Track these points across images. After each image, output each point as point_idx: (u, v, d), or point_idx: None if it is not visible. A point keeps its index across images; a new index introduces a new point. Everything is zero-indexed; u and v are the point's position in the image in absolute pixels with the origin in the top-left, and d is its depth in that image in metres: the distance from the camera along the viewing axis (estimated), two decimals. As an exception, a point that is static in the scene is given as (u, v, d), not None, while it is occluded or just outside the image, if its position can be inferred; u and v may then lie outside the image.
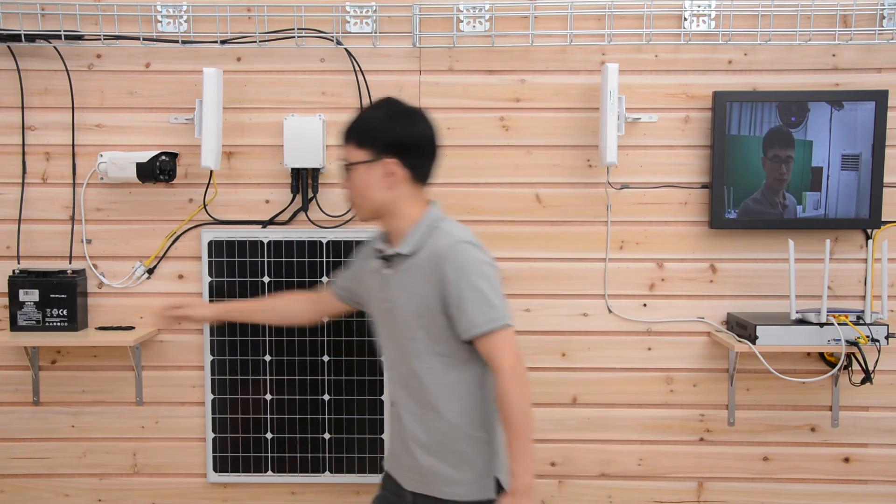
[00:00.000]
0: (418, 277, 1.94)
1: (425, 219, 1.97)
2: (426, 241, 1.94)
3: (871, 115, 2.56)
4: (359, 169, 1.95)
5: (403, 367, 2.00)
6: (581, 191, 2.66)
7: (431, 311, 1.93)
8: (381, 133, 1.94)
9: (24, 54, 2.64)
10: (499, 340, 1.89)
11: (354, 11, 2.61)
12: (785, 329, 2.48)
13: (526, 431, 1.89)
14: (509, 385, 1.88)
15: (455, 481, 1.96)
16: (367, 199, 1.96)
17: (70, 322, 2.60)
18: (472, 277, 1.89)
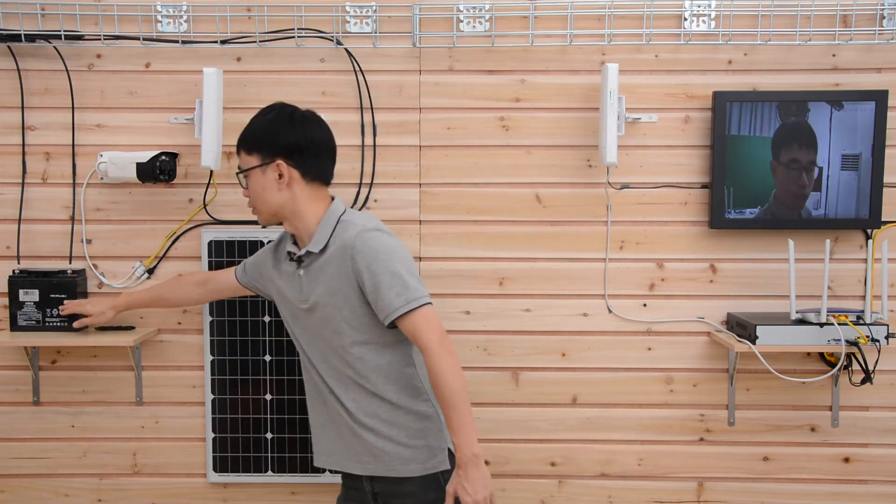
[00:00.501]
0: (332, 272, 1.99)
1: (329, 214, 2.03)
2: (333, 235, 2.01)
3: (871, 115, 2.56)
4: (252, 174, 2.04)
5: (335, 359, 2.04)
6: (581, 191, 2.66)
7: (350, 302, 1.99)
8: (266, 137, 2.03)
9: (24, 54, 2.64)
10: (420, 319, 1.93)
11: (354, 11, 2.61)
12: (785, 329, 2.48)
13: (461, 404, 1.90)
14: (438, 360, 1.91)
15: (408, 458, 2.02)
16: (264, 203, 2.04)
17: (70, 322, 2.60)
18: (384, 263, 1.94)
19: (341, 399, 2.06)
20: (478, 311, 2.67)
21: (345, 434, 2.08)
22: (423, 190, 2.67)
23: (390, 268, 1.94)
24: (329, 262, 2.01)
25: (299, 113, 2.07)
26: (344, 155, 2.65)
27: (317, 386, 2.12)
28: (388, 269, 1.94)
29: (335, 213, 2.05)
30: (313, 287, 2.04)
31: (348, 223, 2.02)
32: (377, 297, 1.95)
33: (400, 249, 1.99)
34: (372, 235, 1.97)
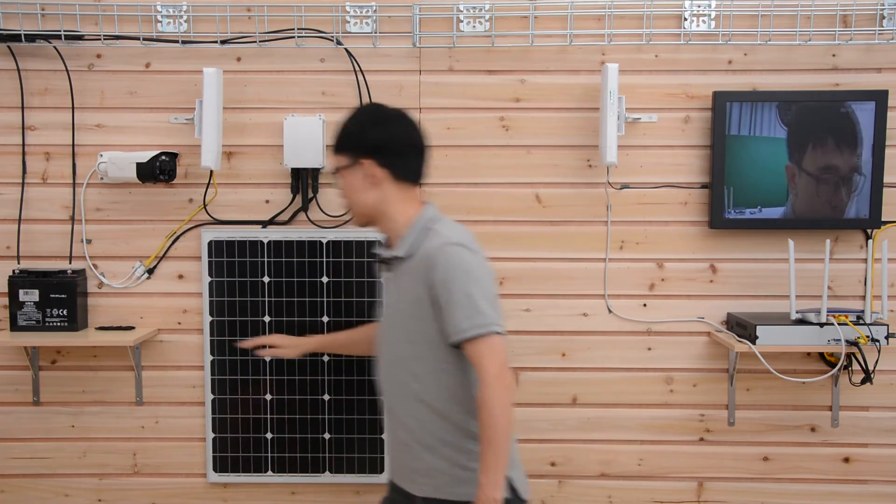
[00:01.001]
0: (413, 280, 1.92)
1: (419, 220, 1.96)
2: (421, 242, 1.93)
3: (871, 115, 2.56)
4: (343, 174, 1.99)
5: (401, 371, 1.98)
6: (581, 191, 2.66)
7: (427, 314, 1.90)
8: (353, 137, 1.98)
9: (24, 54, 2.64)
10: (483, 347, 1.84)
11: (354, 11, 2.61)
12: (785, 329, 2.48)
13: (501, 444, 1.83)
14: (490, 393, 1.82)
15: (466, 480, 1.93)
16: (356, 203, 2.00)
17: (70, 322, 2.60)
18: (459, 282, 1.85)
19: (401, 415, 1.99)
20: (478, 311, 2.67)
21: (401, 451, 2.02)
22: (423, 190, 2.67)
23: (465, 288, 1.85)
24: (411, 269, 1.93)
25: (385, 111, 2.02)
26: (344, 155, 2.66)
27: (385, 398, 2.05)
28: (462, 288, 1.85)
29: (425, 218, 1.96)
30: (393, 293, 1.99)
31: (436, 232, 1.93)
32: (447, 315, 1.86)
33: (479, 270, 1.90)
34: (454, 250, 1.88)
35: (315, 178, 2.64)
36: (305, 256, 2.64)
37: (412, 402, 1.97)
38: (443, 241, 1.89)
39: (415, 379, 1.96)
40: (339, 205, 2.09)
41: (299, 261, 2.64)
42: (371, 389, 2.67)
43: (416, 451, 1.98)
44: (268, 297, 2.65)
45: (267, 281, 2.65)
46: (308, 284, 2.64)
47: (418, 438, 1.97)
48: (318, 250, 2.65)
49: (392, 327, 1.99)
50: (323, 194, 2.66)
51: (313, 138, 2.60)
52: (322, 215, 2.66)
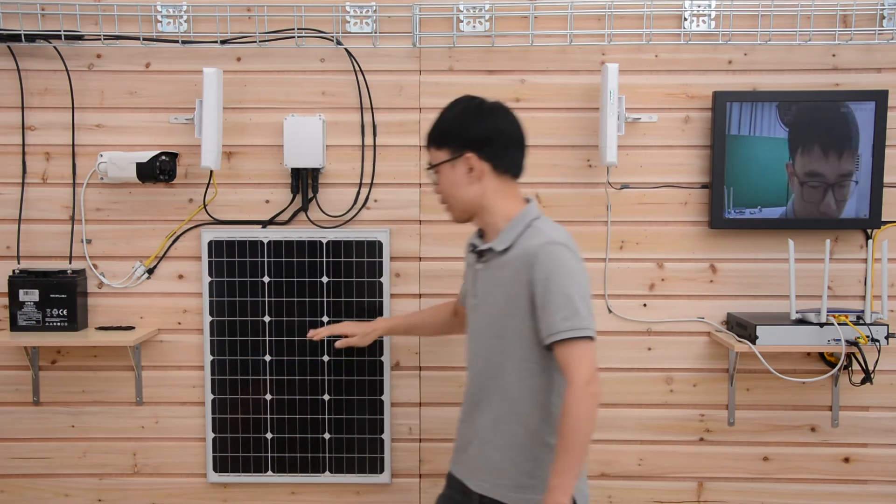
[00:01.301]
0: (510, 275, 1.91)
1: (521, 216, 1.96)
2: (520, 238, 1.93)
3: (871, 115, 2.56)
4: (442, 169, 1.97)
5: (487, 365, 1.97)
6: (581, 191, 2.66)
7: (521, 311, 1.89)
8: (455, 130, 1.97)
9: (24, 54, 2.64)
10: (576, 350, 1.82)
11: (354, 11, 2.61)
12: (785, 329, 2.48)
13: (578, 451, 1.80)
14: (577, 399, 1.80)
15: (527, 487, 1.92)
16: (456, 199, 1.98)
17: (70, 322, 2.60)
18: (560, 282, 1.84)
19: (482, 407, 1.98)
20: (478, 311, 2.67)
21: (472, 446, 2.01)
22: (423, 190, 2.67)
23: (565, 289, 1.84)
24: (508, 264, 1.92)
25: (488, 104, 2.00)
26: (344, 155, 2.66)
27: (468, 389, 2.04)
28: (562, 289, 1.84)
29: (527, 216, 1.96)
30: (486, 284, 1.98)
31: (538, 230, 1.93)
32: (544, 314, 1.85)
33: (580, 273, 1.89)
34: (557, 250, 1.87)
35: (315, 178, 2.64)
36: (305, 256, 2.64)
37: (493, 397, 1.96)
38: (545, 240, 1.88)
39: (500, 374, 1.95)
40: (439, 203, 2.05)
41: (299, 261, 2.65)
42: (371, 389, 2.67)
43: (486, 448, 1.97)
44: (268, 297, 2.65)
45: (267, 281, 2.65)
46: (308, 284, 2.64)
47: (491, 436, 1.96)
48: (318, 250, 2.65)
49: (482, 319, 1.98)
50: (323, 194, 2.66)
51: (313, 138, 2.60)
52: (322, 215, 2.66)
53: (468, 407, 2.05)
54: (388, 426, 2.68)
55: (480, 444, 1.98)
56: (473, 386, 2.03)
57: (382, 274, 2.64)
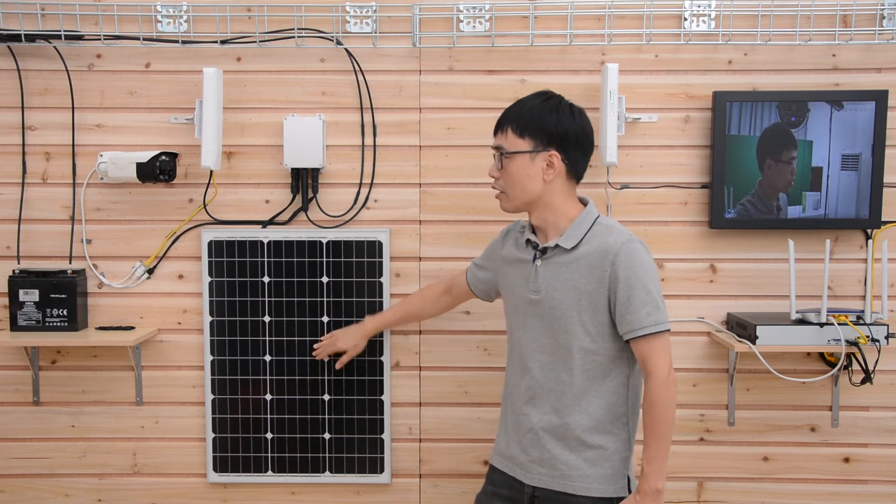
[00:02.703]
0: (583, 272, 1.96)
1: (585, 215, 2.01)
2: (587, 236, 1.98)
3: (871, 115, 2.56)
4: (517, 158, 1.98)
5: (551, 359, 2.00)
6: (581, 191, 2.64)
7: (595, 306, 1.95)
8: (546, 124, 1.97)
9: (24, 54, 2.64)
10: (659, 344, 1.92)
11: (354, 11, 2.61)
12: (785, 329, 2.48)
13: (667, 437, 1.92)
14: (662, 389, 1.91)
15: (590, 476, 1.97)
16: (522, 191, 2.00)
17: (70, 322, 2.60)
18: (643, 278, 1.92)
19: (540, 403, 2.02)
20: (478, 312, 2.67)
21: (526, 439, 2.04)
22: (423, 190, 2.67)
23: (647, 285, 1.92)
24: (579, 261, 1.97)
25: (576, 107, 2.04)
26: (344, 155, 2.66)
27: (520, 383, 2.06)
28: (645, 285, 1.92)
29: (591, 214, 2.02)
30: (551, 280, 2.00)
31: (610, 227, 1.99)
32: (627, 309, 1.92)
33: (655, 269, 1.99)
34: (636, 248, 1.95)
35: (315, 178, 2.64)
36: (305, 256, 2.65)
37: (555, 391, 2.00)
38: (625, 238, 1.95)
39: (564, 368, 1.99)
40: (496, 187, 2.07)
41: (299, 261, 2.65)
42: (371, 389, 2.67)
43: (544, 441, 2.00)
44: (268, 297, 2.65)
45: (267, 281, 2.65)
46: (308, 284, 2.64)
47: (549, 428, 2.00)
48: (318, 250, 2.65)
49: (545, 314, 2.01)
50: (323, 194, 2.66)
51: (313, 138, 2.60)
52: (322, 215, 2.66)
53: (521, 401, 2.06)
54: (388, 426, 2.68)
55: (539, 436, 2.01)
56: (533, 380, 2.03)
57: (382, 274, 2.64)
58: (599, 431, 1.99)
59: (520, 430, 2.06)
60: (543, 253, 2.02)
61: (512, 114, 2.01)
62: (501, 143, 2.00)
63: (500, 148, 2.00)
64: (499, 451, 2.15)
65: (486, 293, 2.38)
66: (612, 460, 2.00)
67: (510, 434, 2.10)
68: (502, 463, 2.12)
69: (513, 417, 2.10)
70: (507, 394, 2.16)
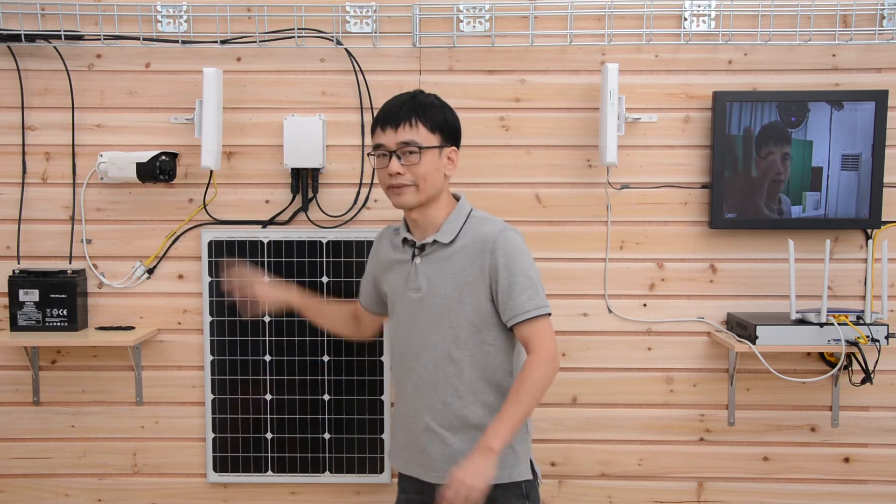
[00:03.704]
0: (463, 264, 1.98)
1: (460, 208, 2.04)
2: (463, 229, 2.00)
3: (871, 115, 2.56)
4: (430, 153, 1.99)
5: (437, 355, 2.00)
6: (581, 191, 2.66)
7: (477, 297, 1.97)
8: (449, 121, 2.02)
9: (24, 54, 2.64)
10: (542, 326, 1.95)
11: (354, 11, 2.61)
12: (785, 329, 2.48)
13: (527, 407, 1.93)
14: (541, 364, 1.92)
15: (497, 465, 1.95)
16: (433, 185, 2.00)
17: (70, 322, 2.60)
18: (521, 265, 1.95)
19: (430, 400, 2.01)
20: (478, 311, 2.67)
21: (423, 439, 2.03)
22: (423, 190, 2.67)
23: (527, 270, 1.96)
24: (458, 253, 1.99)
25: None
26: (344, 155, 2.66)
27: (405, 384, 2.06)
28: (524, 271, 1.95)
29: (465, 207, 2.05)
30: (431, 276, 2.00)
31: (484, 219, 2.03)
32: (508, 296, 1.95)
33: (531, 255, 2.01)
34: (512, 236, 1.98)
35: (315, 178, 2.64)
36: (305, 256, 2.65)
37: (442, 387, 2.00)
38: (501, 227, 1.99)
39: (450, 362, 1.99)
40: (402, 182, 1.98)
41: (299, 261, 2.65)
42: (371, 389, 2.67)
43: (442, 437, 2.00)
44: (268, 297, 2.65)
45: (267, 281, 2.65)
46: (308, 284, 2.64)
47: (449, 425, 2.00)
48: (318, 250, 2.65)
49: (427, 311, 2.01)
50: (323, 194, 2.66)
51: (313, 138, 2.60)
52: (322, 215, 2.66)
53: (412, 401, 2.05)
54: (388, 426, 2.68)
55: (441, 435, 2.01)
56: (419, 379, 2.02)
57: (382, 274, 2.64)
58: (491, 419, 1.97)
59: (415, 431, 2.04)
60: (422, 250, 2.03)
61: (415, 109, 2.00)
62: (413, 138, 1.98)
63: (412, 143, 1.98)
64: (400, 455, 2.12)
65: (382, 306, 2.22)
66: (514, 445, 2.00)
67: (406, 437, 2.08)
68: (406, 467, 2.10)
69: (404, 420, 2.08)
70: (396, 398, 2.14)
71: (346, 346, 2.66)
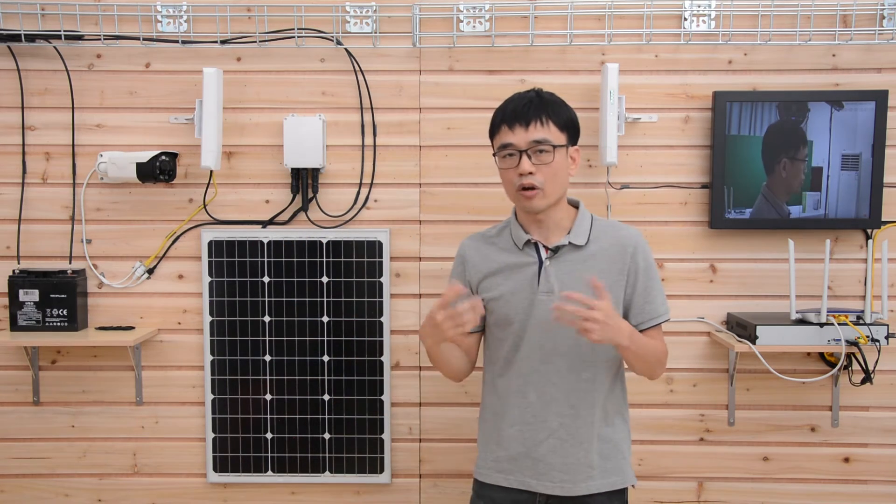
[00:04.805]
0: (601, 267, 1.97)
1: (583, 212, 2.05)
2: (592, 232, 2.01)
3: (871, 115, 2.56)
4: (561, 152, 1.96)
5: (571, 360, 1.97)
6: (581, 191, 2.66)
7: (615, 300, 1.97)
8: (573, 119, 2.02)
9: (24, 54, 2.64)
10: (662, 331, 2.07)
11: (354, 11, 2.61)
12: (785, 329, 2.48)
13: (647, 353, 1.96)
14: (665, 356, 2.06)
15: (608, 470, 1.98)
16: (560, 184, 1.98)
17: (70, 322, 2.60)
18: (655, 270, 2.03)
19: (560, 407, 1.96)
20: (478, 311, 2.67)
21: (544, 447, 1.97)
22: (423, 190, 2.67)
23: (658, 275, 2.04)
24: (595, 256, 1.99)
25: None
26: (344, 155, 2.66)
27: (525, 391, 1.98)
28: (657, 276, 2.04)
29: (587, 212, 2.06)
30: (564, 279, 1.95)
31: (612, 223, 2.08)
32: (646, 299, 1.99)
33: None
34: (646, 242, 2.05)
35: (315, 178, 2.64)
36: (305, 256, 2.65)
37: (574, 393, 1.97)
38: (636, 231, 2.04)
39: (585, 366, 1.98)
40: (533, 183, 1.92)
41: (299, 261, 2.65)
42: (371, 389, 2.67)
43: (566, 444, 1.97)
44: (268, 297, 2.65)
45: (267, 281, 2.65)
46: (308, 284, 2.64)
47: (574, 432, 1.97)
48: (318, 250, 2.65)
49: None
50: (323, 194, 2.66)
51: (313, 138, 2.60)
52: (322, 215, 2.66)
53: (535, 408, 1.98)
54: (388, 426, 2.68)
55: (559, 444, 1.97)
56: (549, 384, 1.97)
57: (382, 274, 2.64)
58: (608, 424, 2.01)
59: (536, 439, 1.98)
60: (555, 252, 1.99)
61: (545, 107, 1.95)
62: (546, 136, 1.92)
63: (546, 141, 1.92)
64: (500, 468, 2.03)
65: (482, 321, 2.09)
66: (624, 451, 2.04)
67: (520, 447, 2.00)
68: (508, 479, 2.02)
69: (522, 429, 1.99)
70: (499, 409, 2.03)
71: (346, 346, 2.66)
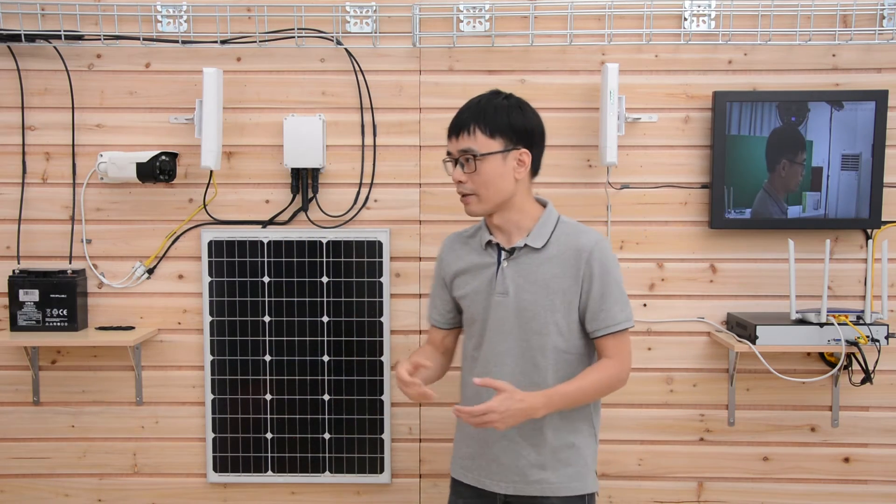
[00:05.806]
0: (556, 272, 1.96)
1: (549, 213, 2.03)
2: (553, 235, 1.99)
3: (871, 115, 2.56)
4: (490, 160, 1.96)
5: (520, 361, 1.98)
6: (581, 191, 2.66)
7: (569, 305, 1.96)
8: (514, 122, 1.98)
9: (24, 54, 2.64)
10: (626, 340, 1.98)
11: (354, 11, 2.61)
12: (785, 329, 2.48)
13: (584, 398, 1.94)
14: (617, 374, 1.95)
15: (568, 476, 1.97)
16: (497, 192, 1.97)
17: (70, 322, 2.60)
18: (614, 275, 1.96)
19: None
20: (478, 311, 2.67)
21: (497, 448, 2.00)
22: (423, 190, 2.67)
23: (620, 283, 1.97)
24: (551, 260, 1.97)
25: (526, 102, 2.06)
26: (344, 155, 2.66)
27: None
28: (617, 282, 1.97)
29: (554, 213, 2.04)
30: (518, 281, 1.98)
31: (576, 226, 2.02)
32: (601, 306, 1.95)
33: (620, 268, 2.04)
34: (607, 246, 1.99)
35: (315, 178, 2.64)
36: (305, 256, 2.65)
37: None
38: (597, 237, 1.99)
39: (536, 370, 1.97)
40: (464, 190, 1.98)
41: (299, 261, 2.65)
42: (371, 389, 2.67)
43: (517, 448, 1.98)
44: (268, 297, 2.65)
45: (267, 281, 2.65)
46: (308, 284, 2.64)
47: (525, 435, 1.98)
48: (318, 250, 2.65)
49: (511, 317, 1.98)
50: (323, 194, 2.66)
51: (313, 138, 2.60)
52: (322, 215, 2.66)
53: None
54: (388, 426, 2.68)
55: (510, 444, 1.99)
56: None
57: (382, 274, 2.65)
58: (569, 430, 2.00)
59: (490, 440, 2.02)
60: (511, 254, 2.00)
61: (474, 115, 1.97)
62: (470, 146, 1.96)
63: (470, 150, 1.96)
64: (463, 465, 2.09)
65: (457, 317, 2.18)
66: (585, 457, 2.01)
67: (477, 447, 2.05)
68: (468, 476, 2.07)
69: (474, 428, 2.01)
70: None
71: (346, 346, 2.66)
